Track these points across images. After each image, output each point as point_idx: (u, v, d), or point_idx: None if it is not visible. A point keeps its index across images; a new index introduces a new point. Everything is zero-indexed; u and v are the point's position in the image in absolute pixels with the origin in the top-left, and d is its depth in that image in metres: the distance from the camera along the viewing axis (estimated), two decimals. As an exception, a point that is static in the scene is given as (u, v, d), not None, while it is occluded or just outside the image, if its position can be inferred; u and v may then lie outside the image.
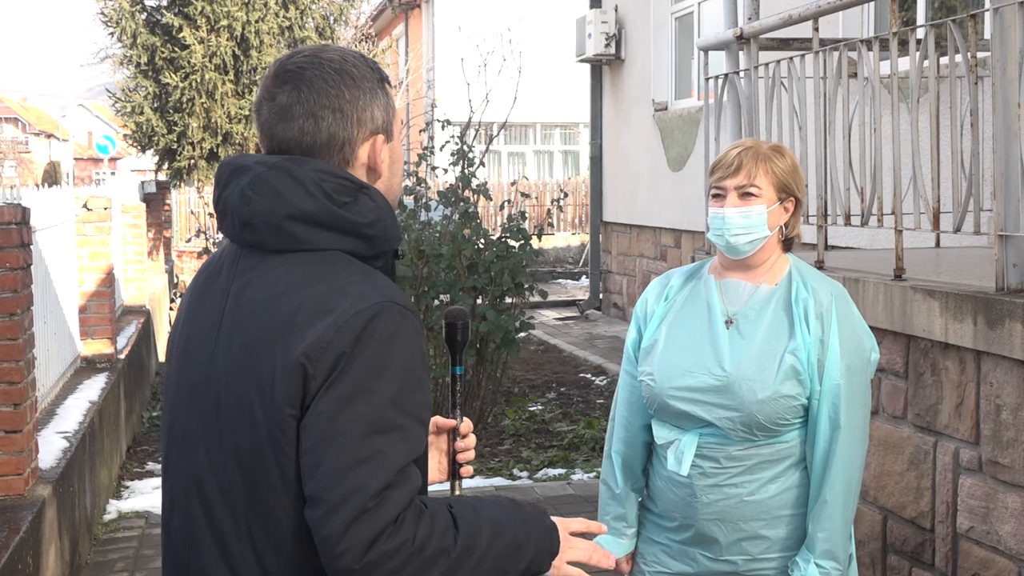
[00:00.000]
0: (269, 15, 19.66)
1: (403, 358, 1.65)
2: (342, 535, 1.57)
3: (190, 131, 19.64)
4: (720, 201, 2.57)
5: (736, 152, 2.57)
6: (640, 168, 11.89)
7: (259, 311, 1.69)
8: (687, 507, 2.58)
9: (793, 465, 2.54)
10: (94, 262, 7.39)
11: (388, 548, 1.57)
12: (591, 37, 12.36)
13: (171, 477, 1.82)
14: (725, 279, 2.63)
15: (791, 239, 2.64)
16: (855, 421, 2.49)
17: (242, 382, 1.68)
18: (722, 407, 2.51)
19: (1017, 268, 3.38)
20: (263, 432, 1.65)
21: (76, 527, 5.06)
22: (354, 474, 1.58)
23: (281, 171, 1.71)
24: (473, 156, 7.69)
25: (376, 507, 1.57)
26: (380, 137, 1.80)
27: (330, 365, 1.61)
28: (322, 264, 1.70)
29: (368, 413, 1.60)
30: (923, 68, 4.06)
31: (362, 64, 1.80)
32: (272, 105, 1.76)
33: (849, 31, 7.01)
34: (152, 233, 12.70)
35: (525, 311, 7.79)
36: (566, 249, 20.08)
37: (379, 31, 29.25)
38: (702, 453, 2.54)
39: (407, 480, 1.62)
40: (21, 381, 4.33)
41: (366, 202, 1.73)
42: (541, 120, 24.42)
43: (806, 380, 2.49)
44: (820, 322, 2.50)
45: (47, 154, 60.76)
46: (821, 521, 2.48)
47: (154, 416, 8.57)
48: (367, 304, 1.65)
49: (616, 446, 2.76)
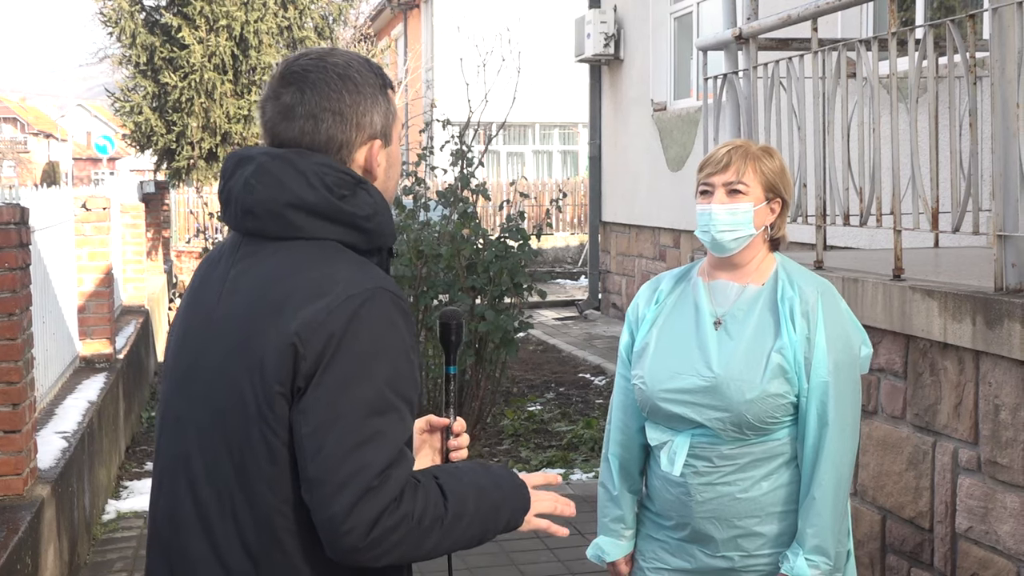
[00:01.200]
0: (268, 15, 19.67)
1: (396, 343, 1.71)
2: (347, 514, 1.63)
3: (189, 131, 19.65)
4: (708, 198, 2.59)
5: (726, 150, 2.60)
6: (639, 168, 11.90)
7: (254, 295, 1.75)
8: (682, 506, 2.60)
9: (785, 463, 2.56)
10: (93, 262, 7.39)
11: (390, 523, 1.64)
12: (590, 37, 12.36)
13: (160, 459, 1.87)
14: (713, 280, 2.66)
15: (777, 240, 2.65)
16: (844, 417, 2.50)
17: (234, 362, 1.72)
18: (711, 408, 2.53)
19: (1016, 268, 3.38)
20: (252, 408, 1.70)
21: (75, 527, 5.06)
22: (358, 454, 1.64)
23: (285, 162, 1.78)
24: (472, 156, 7.68)
25: (380, 485, 1.64)
26: (378, 142, 1.86)
27: (321, 347, 1.67)
28: (318, 252, 1.76)
29: (367, 396, 1.67)
30: (922, 68, 4.06)
31: (366, 70, 1.86)
32: (276, 104, 1.83)
33: (848, 31, 7.01)
34: (151, 233, 12.70)
35: (524, 311, 7.79)
36: (565, 249, 20.08)
37: (378, 31, 29.26)
38: (695, 453, 2.56)
39: (404, 458, 1.69)
40: (20, 381, 4.33)
41: (364, 196, 1.80)
42: (540, 120, 24.42)
43: (793, 378, 2.51)
44: (806, 320, 2.52)
45: (46, 154, 60.75)
46: (810, 518, 2.50)
47: (153, 416, 8.57)
48: (359, 289, 1.71)
49: (613, 449, 2.79)
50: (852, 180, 4.44)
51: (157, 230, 13.39)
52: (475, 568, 4.96)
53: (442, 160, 8.48)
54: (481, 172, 8.60)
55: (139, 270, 10.32)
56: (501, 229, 7.62)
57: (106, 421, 6.37)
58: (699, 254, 5.64)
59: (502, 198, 19.58)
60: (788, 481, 2.56)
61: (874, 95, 4.15)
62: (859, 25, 7.30)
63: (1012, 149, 3.34)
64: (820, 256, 4.49)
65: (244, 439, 1.71)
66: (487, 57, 10.02)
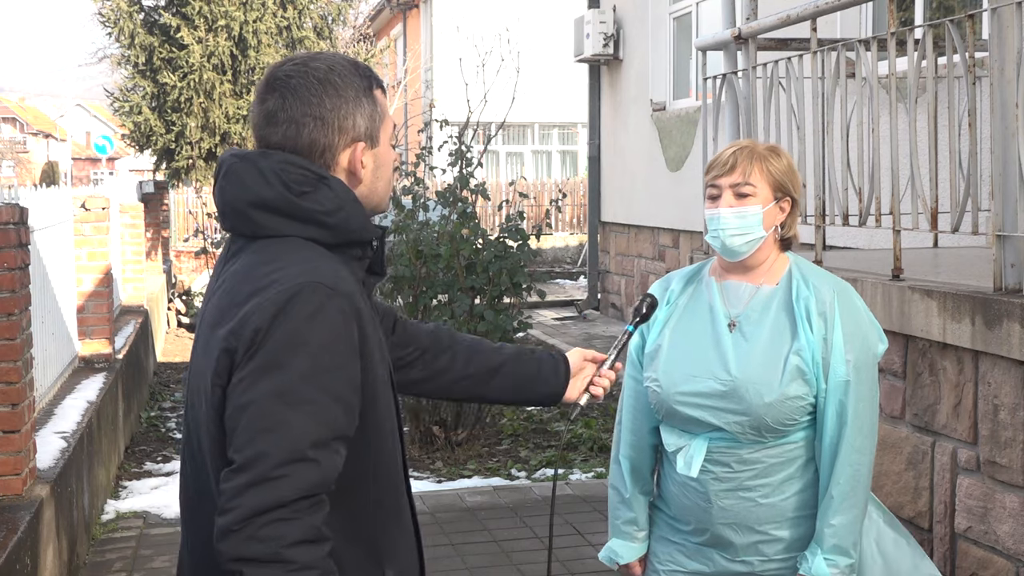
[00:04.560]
0: (267, 15, 19.65)
1: (322, 336, 1.72)
2: (235, 494, 1.65)
3: (188, 131, 19.64)
4: (716, 201, 2.57)
5: (731, 151, 2.57)
6: (638, 168, 11.90)
7: (225, 293, 1.82)
8: (702, 512, 2.58)
9: (804, 465, 2.54)
10: (92, 262, 7.39)
11: (264, 534, 1.63)
12: (589, 37, 12.35)
13: (182, 443, 1.99)
14: (725, 281, 2.63)
15: (788, 239, 2.63)
16: (861, 416, 2.49)
17: (204, 358, 1.81)
18: (730, 411, 2.50)
19: (1015, 268, 3.38)
20: (212, 402, 1.76)
21: (74, 527, 5.06)
22: (259, 440, 1.67)
23: (248, 162, 1.84)
24: (471, 156, 7.68)
25: (277, 479, 1.65)
26: (362, 144, 1.89)
27: (248, 340, 1.71)
28: (280, 249, 1.81)
29: (277, 385, 1.69)
30: (921, 68, 4.06)
31: (350, 73, 1.89)
32: (261, 110, 1.89)
33: (847, 31, 7.01)
34: (150, 233, 12.69)
35: (523, 311, 7.78)
36: (564, 249, 20.09)
37: (377, 31, 29.26)
38: (713, 458, 2.54)
39: (315, 463, 1.68)
40: (19, 381, 4.33)
41: (325, 192, 1.83)
42: (539, 120, 24.43)
43: (812, 379, 2.49)
44: (823, 320, 2.49)
45: (45, 154, 60.74)
46: (828, 517, 2.48)
47: (152, 416, 8.56)
48: (290, 284, 1.74)
49: (624, 451, 2.76)
50: (851, 180, 4.44)
51: (156, 230, 13.39)
52: (475, 568, 4.96)
53: (441, 160, 8.48)
54: (480, 172, 8.61)
55: (138, 270, 10.32)
56: (500, 229, 7.62)
57: (105, 421, 6.37)
58: (698, 254, 5.65)
59: (501, 198, 19.58)
60: (808, 485, 2.54)
61: (873, 95, 4.15)
62: (858, 25, 7.30)
63: (1011, 149, 3.34)
64: (819, 256, 4.50)
65: (216, 430, 1.76)
66: (486, 57, 10.01)
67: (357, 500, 1.83)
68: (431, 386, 2.30)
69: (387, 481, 1.89)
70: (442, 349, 2.28)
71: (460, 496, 6.18)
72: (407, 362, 2.25)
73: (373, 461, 1.85)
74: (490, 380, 2.30)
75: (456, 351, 2.29)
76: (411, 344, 2.26)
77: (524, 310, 7.91)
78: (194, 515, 1.89)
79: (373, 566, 1.85)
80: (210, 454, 1.79)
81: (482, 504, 6.02)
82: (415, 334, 2.28)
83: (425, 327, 2.32)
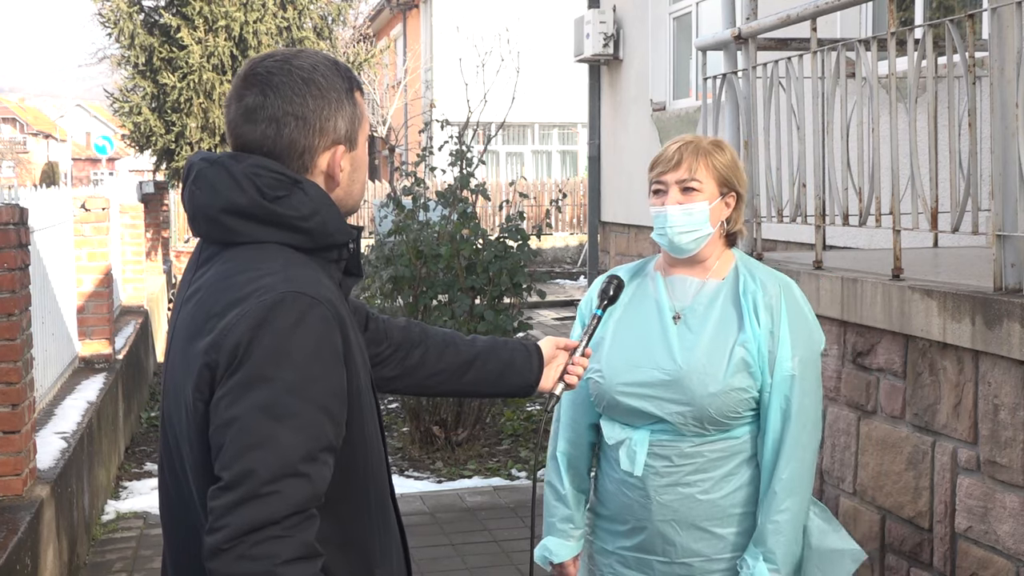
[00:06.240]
0: (267, 15, 19.66)
1: (305, 347, 1.67)
2: (225, 512, 1.61)
3: (188, 131, 19.64)
4: (661, 197, 2.56)
5: (676, 147, 2.56)
6: (638, 168, 11.89)
7: (197, 304, 1.76)
8: (641, 509, 2.56)
9: (745, 461, 2.53)
10: (92, 262, 7.39)
11: (256, 552, 1.59)
12: (589, 37, 12.35)
13: (159, 454, 1.94)
14: (671, 275, 2.63)
15: (734, 235, 2.63)
16: (806, 412, 2.48)
17: (180, 371, 1.75)
18: (673, 401, 2.49)
19: (1015, 268, 3.38)
20: (192, 415, 1.71)
21: (74, 528, 5.06)
22: (247, 458, 1.62)
23: (219, 167, 1.77)
24: (471, 156, 7.68)
25: (267, 496, 1.61)
26: (341, 147, 1.84)
27: (229, 354, 1.66)
28: (255, 257, 1.75)
29: (263, 399, 1.63)
30: (921, 68, 4.06)
31: (332, 73, 1.83)
32: (239, 106, 1.80)
33: (847, 31, 7.01)
34: (150, 233, 12.69)
35: (523, 311, 7.79)
36: (564, 249, 20.10)
37: (377, 31, 29.26)
38: (654, 452, 2.52)
39: (306, 478, 1.64)
40: (19, 381, 4.33)
41: (300, 196, 1.77)
42: (539, 120, 24.44)
43: (757, 372, 2.48)
44: (770, 314, 2.49)
45: (45, 154, 60.71)
46: (770, 513, 2.47)
47: (152, 416, 8.56)
48: (270, 294, 1.68)
49: (561, 446, 2.74)
50: (851, 180, 4.43)
51: (156, 230, 13.39)
52: (475, 568, 4.96)
53: (441, 160, 8.48)
54: (480, 172, 8.60)
55: (138, 270, 10.32)
56: (500, 229, 7.62)
57: (105, 421, 6.37)
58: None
59: (501, 198, 19.60)
60: (748, 481, 2.53)
61: (873, 95, 4.15)
62: (858, 25, 7.29)
63: (1011, 149, 3.33)
64: (819, 256, 4.49)
65: (199, 444, 1.71)
66: (486, 57, 10.01)
67: (346, 507, 1.81)
68: (405, 382, 2.27)
69: (374, 486, 1.87)
70: (414, 344, 2.26)
71: (460, 496, 6.19)
72: (381, 359, 2.22)
73: (362, 467, 1.82)
74: (464, 374, 2.27)
75: (428, 346, 2.26)
76: (384, 341, 2.23)
77: (524, 310, 7.92)
78: (174, 521, 1.86)
79: (364, 570, 1.84)
80: (192, 468, 1.75)
81: (482, 504, 6.02)
82: (387, 331, 2.25)
83: (397, 323, 2.28)
